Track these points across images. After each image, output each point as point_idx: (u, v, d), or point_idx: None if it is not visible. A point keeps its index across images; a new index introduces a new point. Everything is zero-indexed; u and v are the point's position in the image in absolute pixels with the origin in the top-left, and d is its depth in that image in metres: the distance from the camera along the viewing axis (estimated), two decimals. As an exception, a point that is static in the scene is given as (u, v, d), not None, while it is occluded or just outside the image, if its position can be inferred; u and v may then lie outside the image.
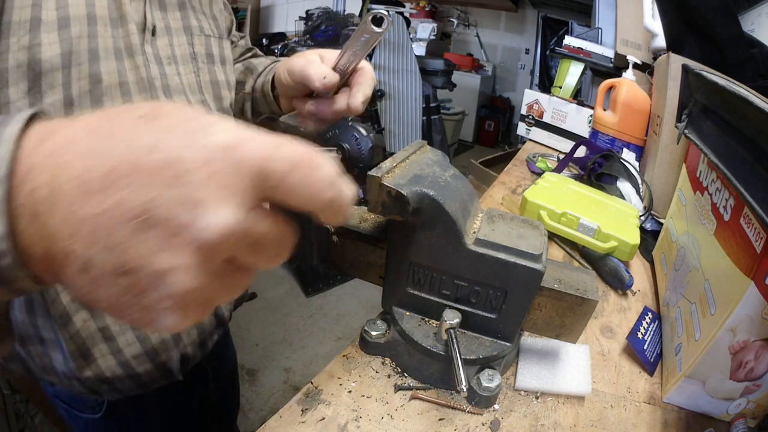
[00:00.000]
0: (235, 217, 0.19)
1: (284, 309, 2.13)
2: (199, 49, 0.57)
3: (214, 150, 0.19)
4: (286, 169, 0.20)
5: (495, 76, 5.13)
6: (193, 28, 0.57)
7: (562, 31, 2.15)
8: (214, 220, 0.19)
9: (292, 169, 0.21)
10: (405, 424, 0.43)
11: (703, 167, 0.59)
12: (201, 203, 0.19)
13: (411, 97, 2.87)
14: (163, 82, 0.51)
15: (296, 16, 3.46)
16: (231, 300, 0.67)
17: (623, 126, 1.08)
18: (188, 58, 0.56)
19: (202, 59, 0.58)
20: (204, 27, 0.59)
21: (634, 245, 0.71)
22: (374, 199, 0.40)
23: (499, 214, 0.46)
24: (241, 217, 0.20)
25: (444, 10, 5.12)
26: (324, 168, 0.22)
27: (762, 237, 0.39)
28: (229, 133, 0.20)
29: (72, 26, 0.41)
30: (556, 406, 0.47)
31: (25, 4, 0.39)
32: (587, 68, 1.53)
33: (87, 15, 0.43)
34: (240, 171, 0.20)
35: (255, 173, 0.20)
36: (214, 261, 0.20)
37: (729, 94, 0.46)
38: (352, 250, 0.49)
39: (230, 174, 0.20)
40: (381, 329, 0.49)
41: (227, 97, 0.63)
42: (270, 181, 0.20)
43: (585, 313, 0.44)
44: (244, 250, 0.21)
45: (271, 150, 0.20)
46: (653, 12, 1.12)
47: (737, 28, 0.85)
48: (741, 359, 0.43)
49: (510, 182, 1.07)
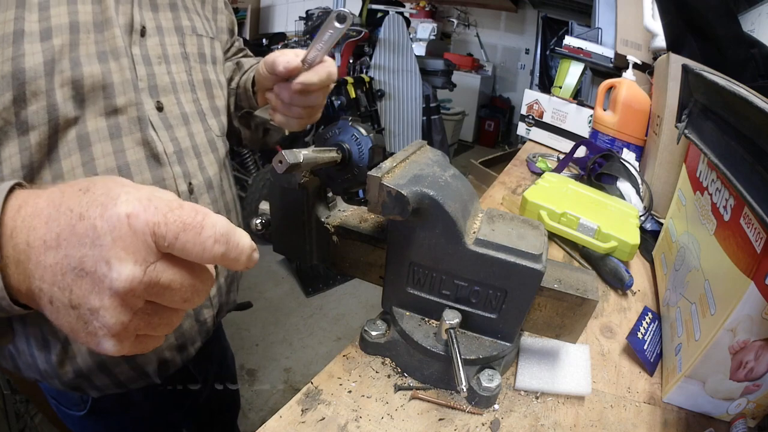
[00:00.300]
0: (133, 272, 0.25)
1: (284, 309, 2.13)
2: (191, 48, 0.58)
3: (118, 219, 0.25)
4: (176, 230, 0.26)
5: (495, 76, 5.13)
6: (184, 28, 0.57)
7: (562, 31, 2.15)
8: (116, 274, 0.25)
9: (182, 231, 0.26)
10: (405, 424, 0.43)
11: (703, 167, 0.59)
12: (109, 261, 0.25)
13: (411, 97, 2.87)
14: (150, 83, 0.51)
15: (296, 16, 3.46)
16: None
17: (623, 126, 1.08)
18: (180, 57, 0.56)
19: (194, 59, 0.58)
20: (196, 27, 0.59)
21: (634, 245, 0.71)
22: (374, 199, 0.40)
23: (499, 214, 0.46)
24: (139, 271, 0.25)
25: (444, 10, 5.12)
26: (212, 227, 0.26)
27: (762, 237, 0.39)
28: (130, 204, 0.26)
29: (54, 37, 0.42)
30: (556, 406, 0.47)
31: (7, 18, 0.40)
32: (587, 68, 1.53)
33: (70, 24, 0.43)
34: (136, 235, 0.25)
35: (149, 236, 0.26)
36: (134, 303, 0.26)
37: (729, 94, 0.46)
38: (352, 250, 0.49)
39: (129, 237, 0.25)
40: (381, 329, 0.49)
41: (220, 96, 0.63)
42: (164, 241, 0.26)
43: (585, 313, 0.44)
44: (157, 295, 0.27)
45: (163, 216, 0.26)
46: (653, 12, 1.12)
47: (737, 28, 0.85)
48: (741, 359, 0.43)
49: (510, 182, 1.07)
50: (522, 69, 4.98)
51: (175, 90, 0.55)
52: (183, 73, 0.56)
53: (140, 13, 0.51)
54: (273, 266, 2.40)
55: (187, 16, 0.58)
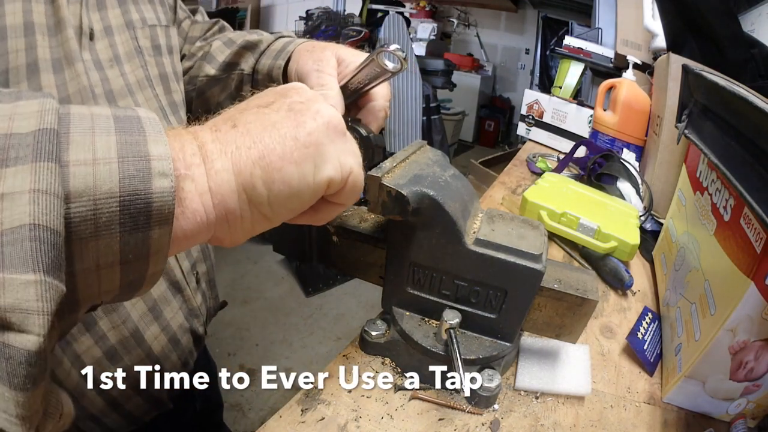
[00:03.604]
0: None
1: (284, 309, 2.13)
2: (144, 42, 0.53)
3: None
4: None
5: (495, 76, 5.12)
6: (135, 22, 0.52)
7: (562, 31, 2.15)
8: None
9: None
10: (405, 424, 0.43)
11: (703, 167, 0.59)
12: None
13: (411, 97, 2.86)
14: (105, 88, 0.47)
15: (296, 16, 3.46)
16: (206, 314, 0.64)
17: (623, 126, 1.08)
18: (133, 53, 0.52)
19: (148, 52, 0.54)
20: (147, 18, 0.54)
21: (634, 245, 0.71)
22: (374, 199, 0.40)
23: (499, 214, 0.46)
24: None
25: (444, 10, 5.11)
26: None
27: (762, 237, 0.39)
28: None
29: (9, 38, 0.38)
30: (555, 406, 0.47)
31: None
32: (587, 68, 1.53)
33: (24, 24, 0.39)
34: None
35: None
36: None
37: (729, 94, 0.46)
38: (352, 250, 0.49)
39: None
40: (381, 329, 0.49)
41: (177, 90, 0.58)
42: None
43: (585, 313, 0.44)
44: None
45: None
46: (653, 12, 1.12)
47: (737, 28, 0.85)
48: (741, 359, 0.43)
49: (510, 182, 1.07)
50: (522, 69, 4.98)
51: (131, 92, 0.51)
52: (139, 69, 0.52)
53: (87, 14, 0.46)
54: (273, 266, 2.40)
55: (137, 9, 0.53)
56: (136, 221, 0.21)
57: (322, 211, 0.32)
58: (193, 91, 0.64)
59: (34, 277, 0.18)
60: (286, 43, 0.57)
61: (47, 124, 0.20)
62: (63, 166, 0.19)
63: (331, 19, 3.08)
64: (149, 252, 0.22)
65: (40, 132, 0.19)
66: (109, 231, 0.20)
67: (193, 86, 0.63)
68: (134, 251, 0.22)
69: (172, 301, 0.55)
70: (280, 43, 0.58)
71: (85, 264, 0.20)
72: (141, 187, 0.21)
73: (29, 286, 0.17)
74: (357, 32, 2.68)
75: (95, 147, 0.21)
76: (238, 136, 0.26)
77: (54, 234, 0.18)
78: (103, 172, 0.20)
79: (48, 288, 0.18)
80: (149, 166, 0.21)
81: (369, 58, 0.39)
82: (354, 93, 0.44)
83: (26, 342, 0.17)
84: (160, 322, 0.53)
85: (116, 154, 0.21)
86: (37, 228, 0.18)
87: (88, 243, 0.20)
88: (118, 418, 0.51)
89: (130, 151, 0.21)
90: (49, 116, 0.20)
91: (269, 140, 0.26)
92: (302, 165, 0.27)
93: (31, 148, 0.19)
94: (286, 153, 0.26)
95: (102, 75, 0.47)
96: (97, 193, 0.20)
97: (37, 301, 0.17)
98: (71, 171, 0.20)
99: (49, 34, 0.42)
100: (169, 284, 0.55)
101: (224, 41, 0.62)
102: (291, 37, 0.60)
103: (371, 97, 0.46)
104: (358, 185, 0.31)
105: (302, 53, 0.51)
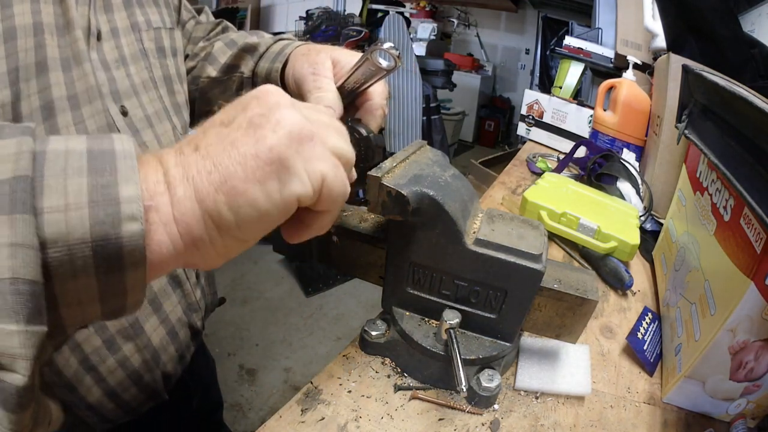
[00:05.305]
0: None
1: (284, 309, 2.13)
2: (149, 44, 0.54)
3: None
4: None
5: (495, 76, 5.13)
6: (140, 24, 0.54)
7: (562, 32, 2.15)
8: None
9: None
10: (405, 424, 0.43)
11: (703, 167, 0.59)
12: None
13: (411, 97, 2.86)
14: (112, 88, 0.48)
15: (296, 16, 3.46)
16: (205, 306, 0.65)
17: (623, 126, 1.08)
18: (139, 55, 0.53)
19: (153, 54, 0.55)
20: (152, 20, 0.56)
21: (634, 245, 0.71)
22: (374, 199, 0.40)
23: (499, 214, 0.46)
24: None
25: (444, 10, 5.11)
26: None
27: (762, 237, 0.39)
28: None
29: (18, 38, 0.39)
30: (555, 406, 0.47)
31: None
32: (587, 68, 1.53)
33: (33, 24, 0.40)
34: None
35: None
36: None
37: (729, 94, 0.46)
38: (352, 250, 0.49)
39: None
40: (381, 329, 0.49)
41: (180, 91, 0.59)
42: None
43: (585, 313, 0.44)
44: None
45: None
46: (653, 12, 1.12)
47: (737, 29, 0.85)
48: (741, 359, 0.43)
49: (510, 182, 1.07)
50: (522, 69, 4.98)
51: (137, 92, 0.52)
52: (144, 71, 0.53)
53: (95, 16, 0.47)
54: (273, 266, 2.40)
55: (142, 11, 0.54)
56: (109, 263, 0.22)
57: (313, 222, 0.31)
58: (196, 91, 0.65)
59: (16, 327, 0.19)
60: (284, 45, 0.58)
61: (22, 171, 0.21)
62: (38, 215, 0.20)
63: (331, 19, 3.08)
64: (126, 289, 0.23)
65: (15, 180, 0.20)
66: (85, 273, 0.22)
67: (195, 86, 0.65)
68: (111, 290, 0.23)
69: (171, 294, 0.56)
70: (278, 46, 0.59)
71: (68, 300, 0.22)
72: (111, 232, 0.21)
73: (13, 336, 0.19)
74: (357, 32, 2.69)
75: (67, 191, 0.21)
76: (198, 159, 0.25)
77: (33, 284, 0.20)
78: (75, 219, 0.21)
79: (30, 336, 0.20)
80: (119, 210, 0.22)
81: (363, 58, 0.39)
82: (351, 93, 0.44)
83: (15, 379, 0.19)
84: (159, 315, 0.54)
85: (87, 198, 0.21)
86: (17, 282, 0.19)
87: (67, 283, 0.22)
88: (114, 407, 0.52)
89: (100, 194, 0.22)
90: (24, 160, 0.21)
91: (229, 162, 0.25)
92: (266, 184, 0.25)
93: (7, 198, 0.20)
94: (248, 174, 0.25)
95: (109, 75, 0.48)
96: (70, 239, 0.21)
97: (21, 348, 0.19)
98: (45, 219, 0.21)
99: (57, 34, 0.43)
100: (170, 278, 0.56)
101: (226, 42, 0.63)
102: (289, 39, 0.60)
103: (368, 96, 0.46)
104: (335, 190, 0.29)
105: (298, 57, 0.51)
